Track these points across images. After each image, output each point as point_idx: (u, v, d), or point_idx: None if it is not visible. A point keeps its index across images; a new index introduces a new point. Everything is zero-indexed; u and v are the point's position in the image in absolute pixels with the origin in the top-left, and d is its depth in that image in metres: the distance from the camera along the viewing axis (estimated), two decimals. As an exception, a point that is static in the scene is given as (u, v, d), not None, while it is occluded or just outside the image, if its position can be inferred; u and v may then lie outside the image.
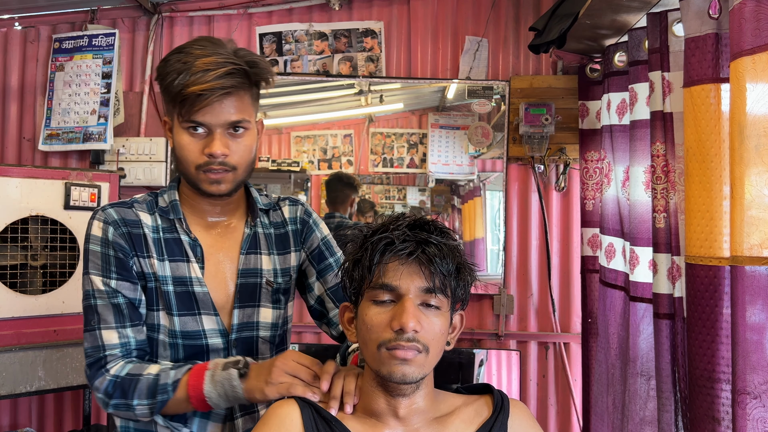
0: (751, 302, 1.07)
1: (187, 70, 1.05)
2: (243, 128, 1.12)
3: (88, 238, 1.14)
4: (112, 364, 1.10)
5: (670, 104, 1.52)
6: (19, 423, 2.67)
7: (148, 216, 1.18)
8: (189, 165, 1.11)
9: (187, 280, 1.16)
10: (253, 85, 1.13)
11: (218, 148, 1.08)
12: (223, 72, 1.05)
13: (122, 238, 1.14)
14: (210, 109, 1.07)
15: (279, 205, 1.30)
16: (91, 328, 1.12)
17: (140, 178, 2.61)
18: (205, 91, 1.04)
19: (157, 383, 1.07)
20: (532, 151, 2.42)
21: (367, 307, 0.96)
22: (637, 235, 1.74)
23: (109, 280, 1.12)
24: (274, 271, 1.25)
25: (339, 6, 2.59)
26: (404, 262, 0.93)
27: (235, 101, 1.09)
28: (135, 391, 1.07)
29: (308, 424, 0.97)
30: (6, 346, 1.90)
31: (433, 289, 0.93)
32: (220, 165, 1.10)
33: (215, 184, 1.12)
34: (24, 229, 1.97)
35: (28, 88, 2.72)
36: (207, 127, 1.09)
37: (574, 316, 2.51)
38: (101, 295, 1.12)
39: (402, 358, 0.91)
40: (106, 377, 1.09)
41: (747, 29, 1.07)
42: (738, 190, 1.08)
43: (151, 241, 1.16)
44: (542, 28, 2.05)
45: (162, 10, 2.66)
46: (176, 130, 1.12)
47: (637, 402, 1.73)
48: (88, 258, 1.14)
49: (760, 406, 1.07)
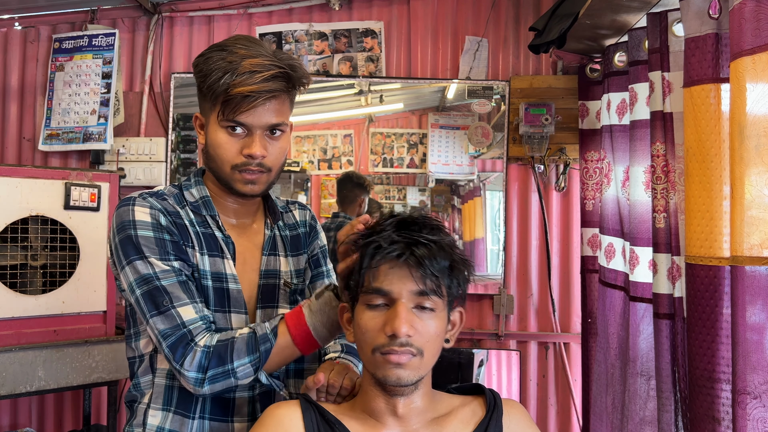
0: (751, 302, 1.07)
1: (233, 70, 1.04)
2: (280, 131, 1.12)
3: (134, 224, 1.08)
4: (200, 336, 1.04)
5: (670, 104, 1.52)
6: (19, 423, 2.67)
7: (181, 210, 1.16)
8: (224, 164, 1.11)
9: (223, 276, 1.15)
10: (292, 88, 1.13)
11: (258, 150, 1.08)
12: (270, 75, 1.05)
13: (173, 225, 1.12)
14: (253, 111, 1.07)
15: (289, 207, 1.33)
16: (164, 309, 1.05)
17: (140, 178, 2.61)
18: (252, 93, 1.04)
19: (255, 336, 1.04)
20: (532, 151, 2.42)
21: (362, 312, 0.95)
22: (637, 235, 1.74)
23: (170, 261, 1.08)
24: (291, 272, 1.26)
25: (339, 6, 2.59)
26: (394, 264, 0.92)
27: (276, 104, 1.09)
28: (233, 353, 1.03)
29: (309, 425, 0.97)
30: (6, 346, 1.90)
31: (426, 292, 0.92)
32: (258, 166, 1.10)
33: (250, 185, 1.12)
34: (24, 229, 1.97)
35: (28, 88, 2.72)
36: (247, 128, 1.09)
37: (574, 316, 2.51)
38: (167, 275, 1.07)
39: (396, 362, 0.91)
40: (196, 351, 1.02)
41: (747, 29, 1.07)
42: (738, 190, 1.08)
43: (192, 233, 1.14)
44: (542, 28, 2.05)
45: (162, 10, 2.67)
46: (212, 127, 1.11)
47: (637, 402, 1.73)
48: (139, 243, 1.07)
49: (760, 406, 1.07)
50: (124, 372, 2.13)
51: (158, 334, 1.05)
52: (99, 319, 2.11)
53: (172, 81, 2.62)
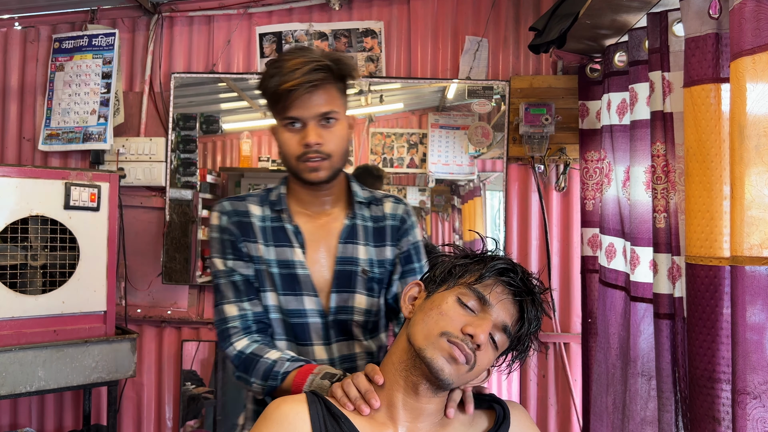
0: (751, 302, 1.07)
1: (279, 73, 1.19)
2: (333, 119, 1.24)
3: (211, 228, 1.33)
4: (236, 338, 1.25)
5: (671, 104, 1.52)
6: (19, 423, 2.67)
7: (258, 208, 1.33)
8: (290, 157, 1.25)
9: (291, 263, 1.29)
10: (338, 79, 1.25)
11: (312, 138, 1.21)
12: (309, 69, 1.18)
13: (233, 225, 1.30)
14: (301, 103, 1.20)
15: (382, 200, 1.40)
16: (217, 304, 1.30)
17: (140, 178, 2.61)
18: (295, 86, 1.18)
19: (272, 370, 1.18)
20: (532, 151, 2.42)
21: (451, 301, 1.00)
22: (638, 235, 1.74)
23: (227, 260, 1.29)
24: (370, 261, 1.34)
25: (339, 6, 2.59)
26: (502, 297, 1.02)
27: (323, 94, 1.22)
28: (254, 371, 1.20)
29: (316, 420, 0.96)
30: (6, 346, 1.90)
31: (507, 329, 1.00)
32: (316, 153, 1.22)
33: (314, 172, 1.24)
34: (24, 229, 1.97)
35: (28, 88, 2.72)
36: (301, 121, 1.22)
37: (574, 316, 2.51)
38: (222, 274, 1.29)
39: (455, 356, 0.96)
40: (233, 350, 1.24)
41: (747, 29, 1.07)
42: (738, 190, 1.08)
43: (258, 229, 1.31)
44: (542, 28, 2.05)
45: (162, 10, 2.66)
46: (278, 130, 1.26)
47: (637, 402, 1.73)
48: (212, 244, 1.32)
49: (760, 406, 1.07)
50: (124, 372, 2.13)
51: (213, 321, 1.32)
52: (99, 319, 2.11)
53: (172, 81, 2.62)
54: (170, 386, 2.66)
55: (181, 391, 2.63)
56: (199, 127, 2.64)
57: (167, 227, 2.60)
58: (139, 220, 2.65)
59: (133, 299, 2.65)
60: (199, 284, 2.63)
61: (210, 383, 2.66)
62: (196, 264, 2.62)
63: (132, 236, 2.63)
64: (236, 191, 2.65)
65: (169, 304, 2.65)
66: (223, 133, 2.68)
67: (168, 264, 2.60)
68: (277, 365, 1.18)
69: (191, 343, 2.63)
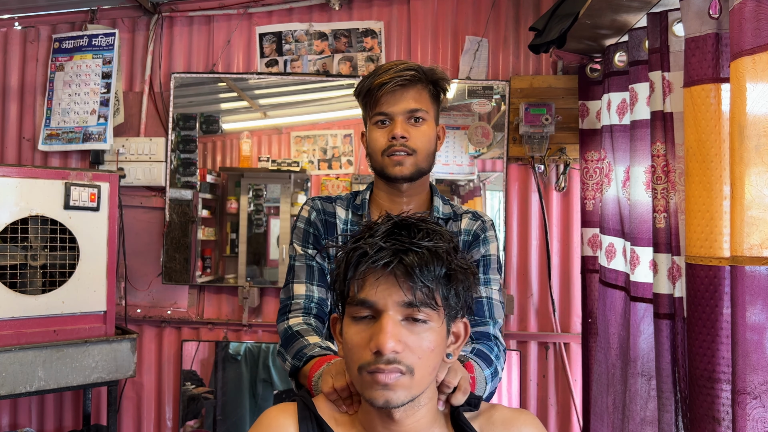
0: (751, 302, 1.07)
1: (374, 74, 1.29)
2: (421, 119, 1.28)
3: (298, 218, 1.39)
4: (294, 314, 1.29)
5: (671, 104, 1.52)
6: (19, 423, 2.67)
7: (343, 211, 1.38)
8: (377, 153, 1.29)
9: None
10: (430, 84, 1.30)
11: (399, 130, 1.26)
12: (402, 68, 1.27)
13: (320, 222, 1.37)
14: (391, 98, 1.27)
15: (461, 217, 1.39)
16: (286, 283, 1.35)
17: (140, 178, 2.61)
18: (386, 81, 1.25)
19: (302, 351, 1.18)
20: (532, 151, 2.42)
21: (348, 325, 0.86)
22: (638, 235, 1.74)
23: (307, 248, 1.35)
24: None
25: (339, 6, 2.59)
26: (380, 274, 0.83)
27: (413, 93, 1.28)
28: (290, 348, 1.21)
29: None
30: (6, 346, 1.90)
31: (415, 303, 0.82)
32: (402, 146, 1.26)
33: (398, 166, 1.27)
34: (24, 229, 1.97)
35: (28, 88, 2.72)
36: (390, 117, 1.28)
37: (574, 316, 2.51)
38: (300, 258, 1.35)
39: (383, 383, 0.81)
40: (284, 324, 1.27)
41: (747, 29, 1.07)
42: (738, 190, 1.08)
43: (340, 230, 1.36)
44: (542, 28, 2.05)
45: (162, 10, 2.66)
46: (369, 130, 1.32)
47: (637, 402, 1.73)
48: (294, 232, 1.38)
49: (760, 406, 1.07)
50: (124, 372, 2.13)
51: (280, 299, 1.36)
52: (99, 319, 2.11)
53: (172, 81, 2.62)
54: (170, 386, 2.66)
55: (181, 391, 2.63)
56: (199, 127, 2.64)
57: (167, 227, 2.60)
58: (139, 220, 2.65)
59: (133, 299, 2.65)
60: (199, 284, 2.63)
61: (210, 383, 2.66)
62: (196, 264, 2.62)
63: (132, 236, 2.63)
64: (236, 191, 2.65)
65: (169, 304, 2.65)
66: (223, 133, 2.68)
67: (168, 264, 2.60)
68: (308, 348, 1.18)
69: (191, 343, 2.63)
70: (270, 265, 2.65)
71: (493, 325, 1.29)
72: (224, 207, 2.67)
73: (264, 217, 2.67)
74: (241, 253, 2.62)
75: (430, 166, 1.33)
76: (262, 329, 2.62)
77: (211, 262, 2.65)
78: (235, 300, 2.63)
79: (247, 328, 2.61)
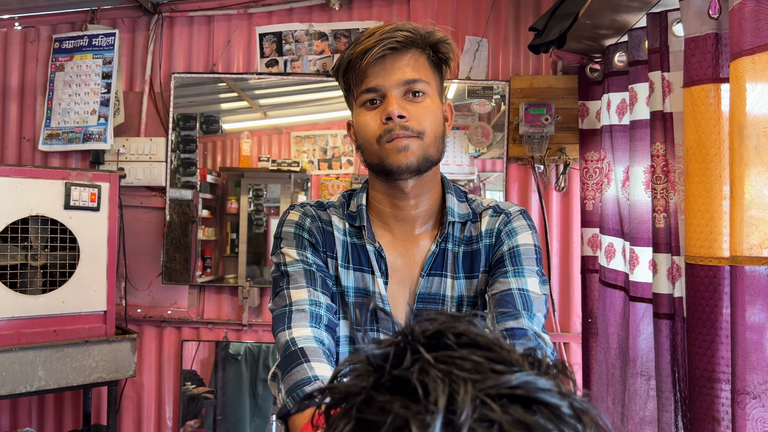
0: (750, 302, 1.07)
1: (356, 42, 0.99)
2: (422, 92, 0.99)
3: (284, 222, 1.10)
4: (298, 322, 0.97)
5: (670, 104, 1.52)
6: (19, 423, 2.67)
7: (339, 219, 1.10)
8: (371, 142, 0.99)
9: (372, 294, 1.05)
10: (429, 48, 1.02)
11: (393, 107, 0.95)
12: (390, 29, 0.97)
13: (317, 231, 1.08)
14: (380, 69, 0.97)
15: (481, 215, 1.10)
16: (279, 290, 1.03)
17: (140, 178, 2.61)
18: (370, 46, 0.95)
19: (303, 387, 0.88)
20: (532, 151, 2.42)
21: None
22: (637, 235, 1.74)
23: (305, 252, 1.05)
24: (458, 299, 1.06)
25: (339, 6, 2.59)
26: None
27: (408, 59, 0.99)
28: (289, 374, 0.91)
29: None
30: (6, 346, 1.90)
31: None
32: (402, 129, 0.96)
33: (402, 153, 0.96)
34: (24, 229, 1.97)
35: (28, 88, 2.72)
36: (381, 92, 0.98)
37: (574, 316, 2.51)
38: (295, 262, 1.04)
39: None
40: (287, 335, 0.96)
41: (747, 29, 1.07)
42: (738, 190, 1.08)
43: (339, 244, 1.08)
44: (542, 28, 2.05)
45: (162, 10, 2.67)
46: (356, 114, 1.03)
47: (637, 402, 1.73)
48: (282, 238, 1.08)
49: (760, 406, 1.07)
50: (124, 372, 2.13)
51: (270, 310, 1.05)
52: (99, 319, 2.11)
53: (172, 81, 2.62)
54: (170, 386, 2.66)
55: (181, 391, 2.63)
56: (199, 127, 2.64)
57: (167, 227, 2.60)
58: (139, 220, 2.65)
59: (133, 299, 2.65)
60: (199, 284, 2.63)
61: (210, 383, 2.66)
62: (196, 264, 2.62)
63: (132, 236, 2.63)
64: (236, 191, 2.65)
65: (169, 304, 2.65)
66: (223, 133, 2.68)
67: (168, 264, 2.60)
68: (311, 385, 0.88)
69: (191, 343, 2.63)
70: (270, 265, 2.65)
71: (528, 318, 0.96)
72: (224, 207, 2.67)
73: (264, 217, 2.68)
74: (241, 253, 2.63)
75: (440, 154, 1.02)
76: (263, 329, 2.62)
77: (212, 262, 2.65)
78: (235, 300, 2.63)
79: (247, 327, 2.61)
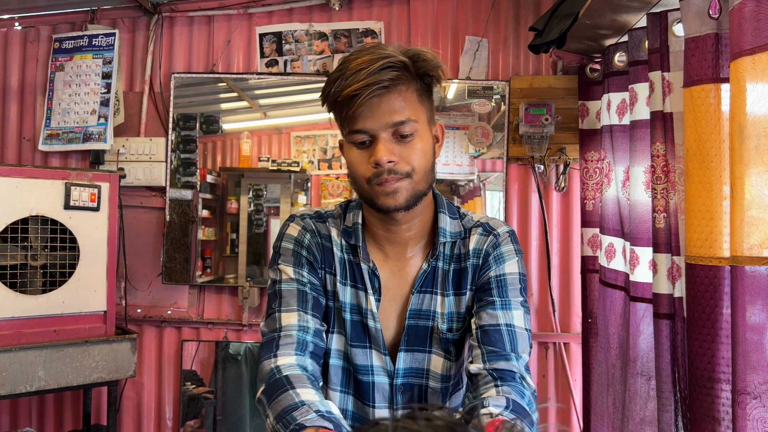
0: (751, 302, 1.07)
1: (342, 75, 0.96)
2: (410, 134, 0.98)
3: (283, 236, 1.12)
4: (284, 350, 1.00)
5: (670, 104, 1.52)
6: (19, 423, 2.67)
7: (338, 234, 1.12)
8: (361, 181, 1.01)
9: (364, 311, 1.09)
10: (418, 79, 1.00)
11: (382, 154, 0.96)
12: (377, 67, 0.94)
13: (316, 247, 1.11)
14: (369, 112, 0.96)
15: (470, 232, 1.12)
16: (271, 312, 1.07)
17: (140, 178, 2.61)
18: (358, 90, 0.94)
19: (290, 413, 0.89)
20: (532, 151, 2.42)
21: None
22: (637, 235, 1.74)
23: (301, 270, 1.08)
24: (449, 315, 1.10)
25: (339, 6, 2.59)
26: None
27: (395, 99, 0.97)
28: (275, 401, 0.93)
29: None
30: (6, 346, 1.90)
31: None
32: (391, 174, 0.98)
33: (391, 196, 0.99)
34: (24, 229, 1.97)
35: (28, 88, 2.72)
36: (370, 134, 0.98)
37: (574, 316, 2.51)
38: (289, 282, 1.08)
39: None
40: (271, 363, 0.99)
41: (747, 29, 1.07)
42: (738, 190, 1.08)
43: (338, 260, 1.11)
44: (542, 28, 2.05)
45: (162, 10, 2.67)
46: (346, 148, 1.03)
47: (637, 402, 1.73)
48: (280, 253, 1.11)
49: (760, 406, 1.07)
50: (124, 372, 2.13)
51: (261, 331, 1.08)
52: (99, 319, 2.11)
53: (172, 81, 2.62)
54: (170, 386, 2.66)
55: (181, 391, 2.63)
56: (199, 127, 2.64)
57: (167, 227, 2.60)
58: (139, 220, 2.65)
59: (133, 299, 2.65)
60: (199, 284, 2.63)
61: (210, 383, 2.66)
62: (196, 264, 2.62)
63: (132, 236, 2.63)
64: (236, 191, 2.65)
65: (169, 304, 2.65)
66: (223, 133, 2.68)
67: (168, 264, 2.60)
68: (299, 410, 0.88)
69: (191, 343, 2.63)
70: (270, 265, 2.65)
71: (516, 359, 1.01)
72: (224, 207, 2.67)
73: (264, 217, 2.67)
74: (241, 253, 2.63)
75: (431, 184, 1.05)
76: (262, 329, 2.62)
77: (211, 262, 2.65)
78: (235, 300, 2.63)
79: (247, 328, 2.61)
